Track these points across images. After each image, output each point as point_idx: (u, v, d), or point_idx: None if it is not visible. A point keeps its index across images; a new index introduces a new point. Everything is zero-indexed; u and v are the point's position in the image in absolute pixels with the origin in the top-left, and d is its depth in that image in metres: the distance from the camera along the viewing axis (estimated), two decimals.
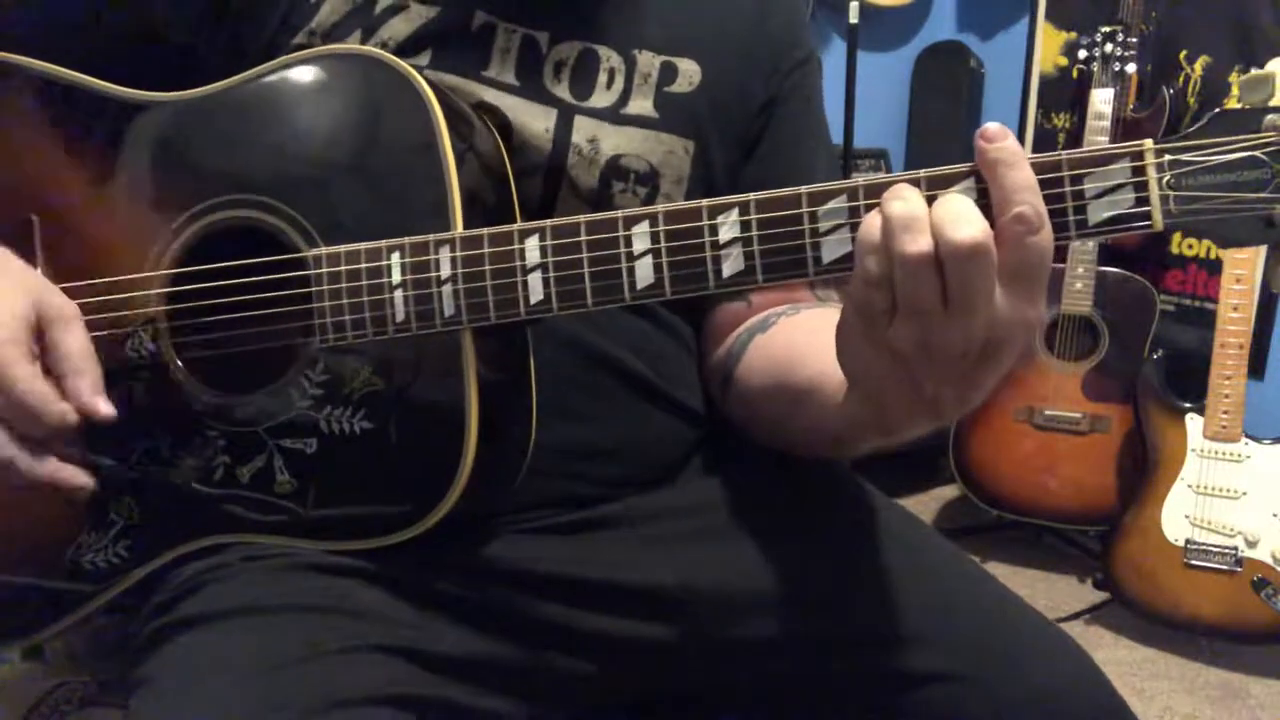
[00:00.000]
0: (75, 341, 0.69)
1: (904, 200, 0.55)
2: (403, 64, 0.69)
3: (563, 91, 0.80)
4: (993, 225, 0.55)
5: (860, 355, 0.60)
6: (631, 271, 0.63)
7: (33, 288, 0.69)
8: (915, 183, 0.58)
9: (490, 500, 0.75)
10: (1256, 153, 0.55)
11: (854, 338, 0.60)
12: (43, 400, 0.66)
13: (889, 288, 0.56)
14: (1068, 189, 0.57)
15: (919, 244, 0.54)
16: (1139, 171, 0.56)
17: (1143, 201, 0.56)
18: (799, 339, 0.79)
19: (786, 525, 0.82)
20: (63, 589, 0.76)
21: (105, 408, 0.68)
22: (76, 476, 0.69)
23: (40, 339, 0.68)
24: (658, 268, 0.63)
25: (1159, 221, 0.56)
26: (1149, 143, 0.56)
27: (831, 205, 0.60)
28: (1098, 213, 0.57)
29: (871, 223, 0.56)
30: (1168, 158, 0.56)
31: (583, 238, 0.64)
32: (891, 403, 0.60)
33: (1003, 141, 0.55)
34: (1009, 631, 0.76)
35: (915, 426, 0.62)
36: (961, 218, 0.54)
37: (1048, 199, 0.56)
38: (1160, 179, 0.56)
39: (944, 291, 0.55)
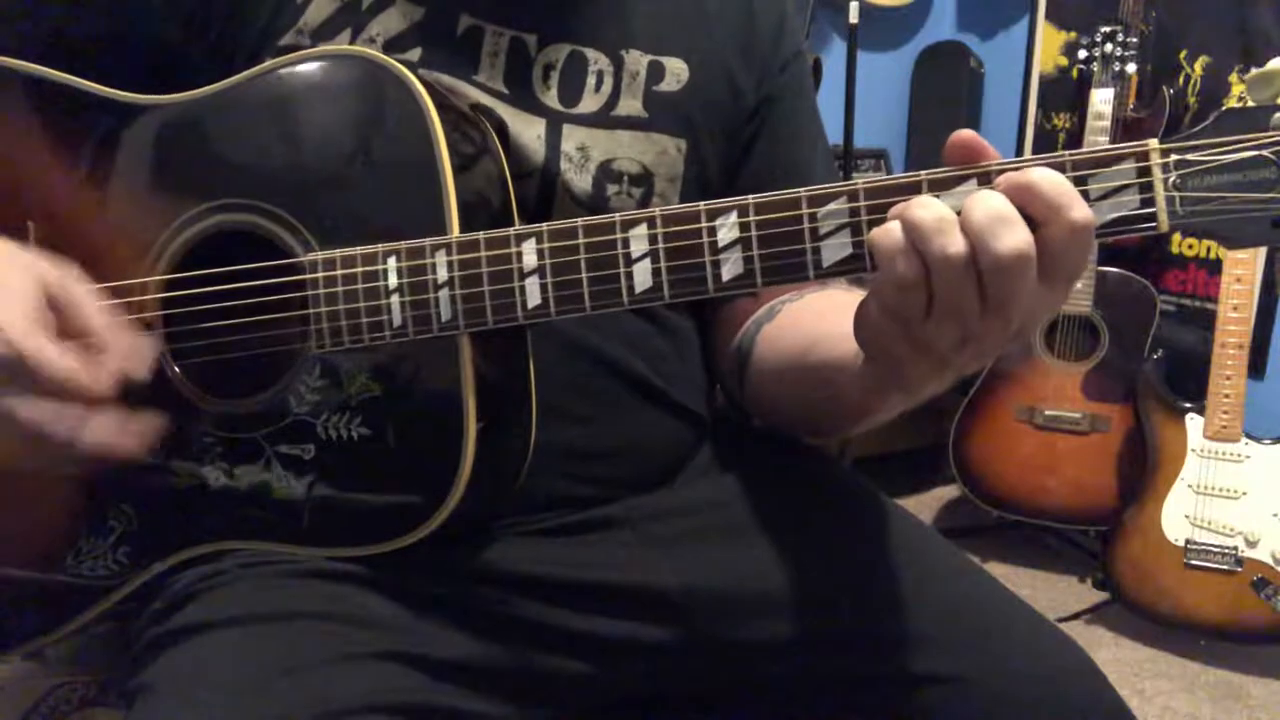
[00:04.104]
0: (90, 309, 0.65)
1: (927, 206, 0.55)
2: (397, 64, 0.69)
3: (551, 99, 0.79)
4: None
5: (890, 350, 0.60)
6: (630, 275, 0.63)
7: (31, 264, 0.65)
8: (917, 184, 0.57)
9: (490, 504, 0.75)
10: (1264, 152, 0.54)
11: (883, 337, 0.60)
12: (77, 375, 0.62)
13: (925, 290, 0.56)
14: None
15: (958, 246, 0.54)
16: (1144, 172, 0.55)
17: (1148, 203, 0.56)
18: (808, 322, 0.80)
19: (786, 526, 0.81)
20: (63, 595, 0.75)
21: (142, 366, 0.65)
22: (124, 440, 0.65)
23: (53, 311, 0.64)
24: (656, 271, 0.62)
25: (1164, 223, 0.55)
26: (1154, 143, 0.56)
27: (831, 207, 0.59)
28: (1102, 214, 0.56)
29: (890, 229, 0.56)
30: (1173, 158, 0.55)
31: (580, 240, 0.63)
32: (914, 374, 0.61)
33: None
34: (1009, 632, 0.76)
35: (938, 387, 0.63)
36: (1002, 222, 0.54)
37: None
38: (1166, 179, 0.55)
39: (982, 293, 0.55)
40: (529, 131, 0.78)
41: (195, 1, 0.77)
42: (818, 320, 0.78)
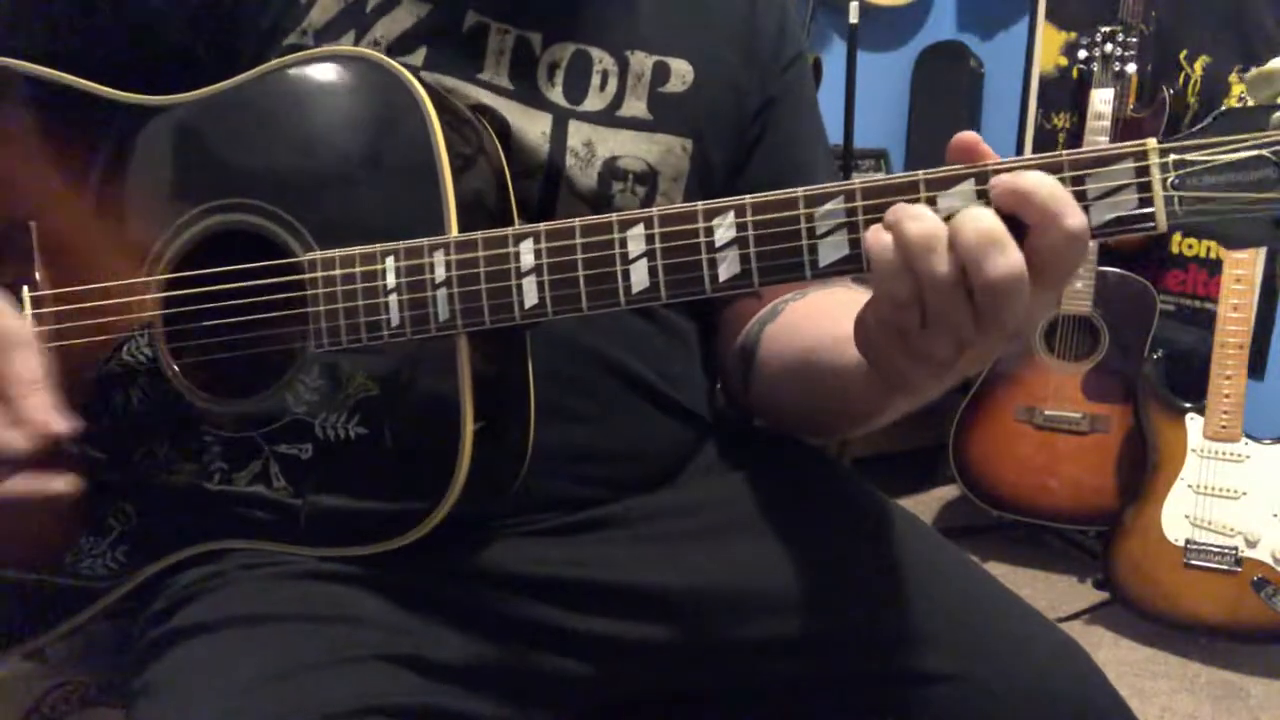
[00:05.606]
0: (20, 365, 0.64)
1: (918, 219, 0.55)
2: (397, 65, 0.69)
3: (556, 95, 0.80)
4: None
5: (889, 358, 0.61)
6: (627, 275, 0.62)
7: None
8: (914, 184, 0.57)
9: (489, 504, 0.75)
10: (1263, 152, 0.53)
11: (882, 347, 0.60)
12: None
13: (919, 306, 0.56)
14: (1069, 190, 0.55)
15: (946, 266, 0.54)
16: (1142, 172, 0.55)
17: (1146, 203, 0.55)
18: (810, 323, 0.80)
19: (787, 525, 0.81)
20: (61, 594, 0.75)
21: (59, 424, 0.64)
22: (49, 485, 0.65)
23: None
24: (653, 271, 0.62)
25: (1163, 223, 0.55)
26: (1152, 142, 0.55)
27: (829, 207, 0.59)
28: (1100, 214, 0.56)
29: (884, 243, 0.56)
30: (1172, 157, 0.55)
31: (577, 240, 0.63)
32: (916, 379, 0.61)
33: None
34: (1009, 632, 0.76)
35: (942, 388, 0.64)
36: (993, 245, 0.53)
37: None
38: (1164, 179, 0.55)
39: (974, 308, 0.55)
40: (534, 128, 0.78)
41: (200, 2, 0.77)
42: (819, 321, 0.78)
